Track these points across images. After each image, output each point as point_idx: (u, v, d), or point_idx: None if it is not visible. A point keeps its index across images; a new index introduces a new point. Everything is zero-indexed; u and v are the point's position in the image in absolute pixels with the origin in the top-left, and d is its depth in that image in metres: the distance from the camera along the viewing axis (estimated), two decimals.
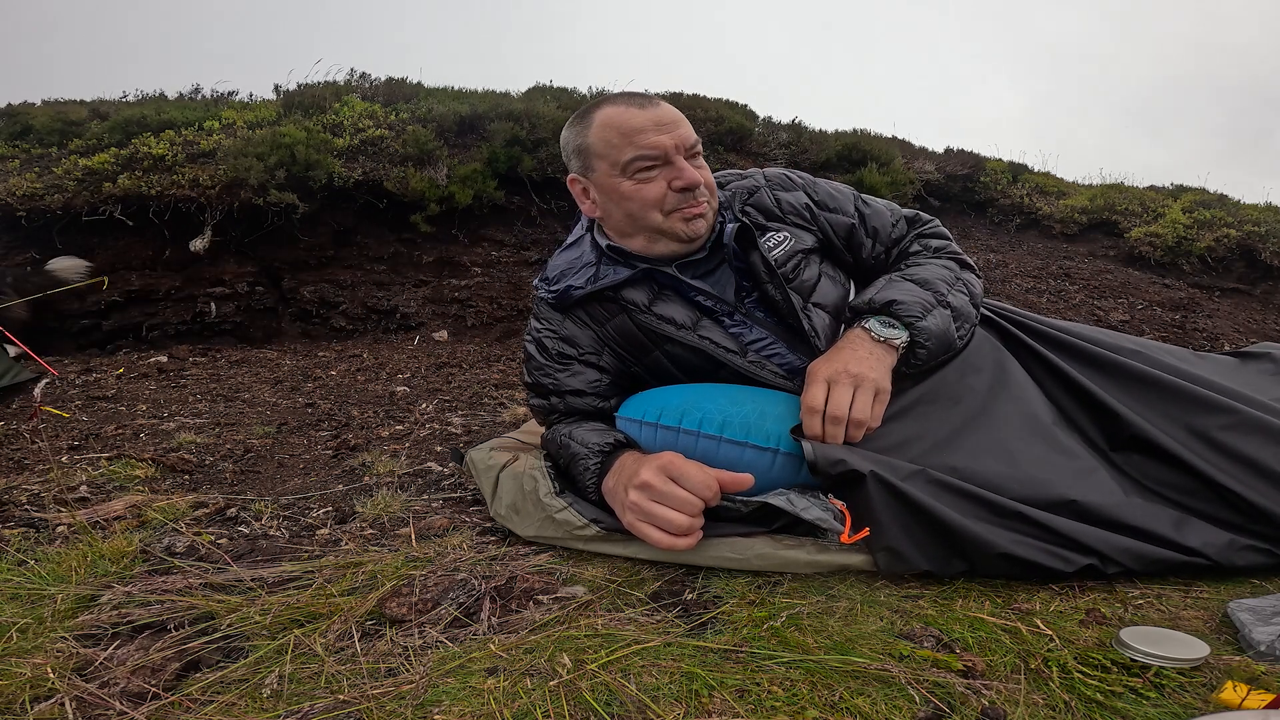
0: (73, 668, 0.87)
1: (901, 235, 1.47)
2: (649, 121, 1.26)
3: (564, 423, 1.36)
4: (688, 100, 5.93)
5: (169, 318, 4.34)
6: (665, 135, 1.26)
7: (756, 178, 1.45)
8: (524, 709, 0.76)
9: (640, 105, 1.28)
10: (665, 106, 1.29)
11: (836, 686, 0.78)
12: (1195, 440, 1.14)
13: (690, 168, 1.28)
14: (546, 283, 1.41)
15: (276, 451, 2.12)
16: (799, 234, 1.38)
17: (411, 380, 3.29)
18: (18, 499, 1.61)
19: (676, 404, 1.22)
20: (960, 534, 1.02)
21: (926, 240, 1.46)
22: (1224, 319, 4.86)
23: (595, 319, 1.37)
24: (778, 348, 1.31)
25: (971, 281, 1.38)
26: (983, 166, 6.56)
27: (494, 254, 4.89)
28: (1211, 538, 1.04)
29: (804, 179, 1.47)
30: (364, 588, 1.08)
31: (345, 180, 4.47)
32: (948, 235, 1.50)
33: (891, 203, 1.51)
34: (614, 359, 1.38)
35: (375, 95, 5.68)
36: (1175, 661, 0.80)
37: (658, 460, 1.10)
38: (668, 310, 1.32)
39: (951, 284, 1.34)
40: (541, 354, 1.39)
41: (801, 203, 1.42)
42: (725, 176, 1.45)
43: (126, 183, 4.21)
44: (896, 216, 1.48)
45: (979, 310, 1.37)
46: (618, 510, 1.14)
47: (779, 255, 1.34)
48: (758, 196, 1.41)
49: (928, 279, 1.32)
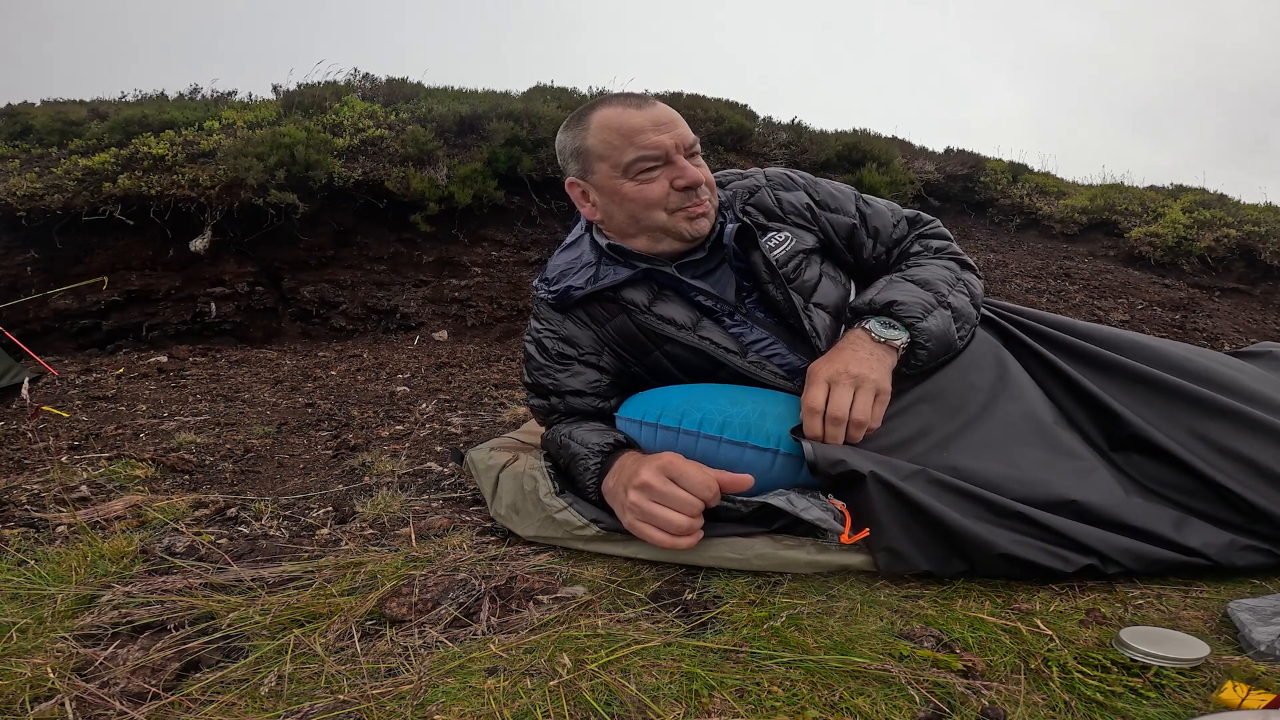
0: (73, 668, 0.87)
1: (903, 236, 1.47)
2: (648, 122, 1.26)
3: (564, 423, 1.36)
4: (688, 100, 5.93)
5: (169, 318, 4.34)
6: (665, 135, 1.26)
7: (757, 177, 1.45)
8: (524, 709, 0.76)
9: (638, 106, 1.28)
10: (662, 106, 1.29)
11: (836, 686, 0.78)
12: (1195, 440, 1.14)
13: (691, 166, 1.28)
14: (546, 283, 1.41)
15: (276, 451, 2.12)
16: (800, 234, 1.38)
17: (411, 380, 3.29)
18: (18, 499, 1.61)
19: (676, 404, 1.22)
20: (960, 534, 1.02)
21: (927, 241, 1.46)
22: (1224, 319, 4.86)
23: (595, 319, 1.37)
24: (778, 348, 1.31)
25: (972, 282, 1.38)
26: (983, 166, 6.56)
27: (494, 254, 4.89)
28: (1212, 538, 1.04)
29: (805, 179, 1.46)
30: (364, 588, 1.08)
31: (345, 180, 4.48)
32: (948, 236, 1.50)
33: (893, 203, 1.51)
34: (614, 359, 1.37)
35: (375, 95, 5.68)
36: (1175, 661, 0.79)
37: (657, 461, 1.10)
38: (668, 310, 1.32)
39: (952, 285, 1.33)
40: (541, 354, 1.39)
41: (803, 202, 1.41)
42: (726, 176, 1.45)
43: (126, 183, 4.22)
44: (898, 217, 1.47)
45: (979, 311, 1.37)
46: (617, 510, 1.14)
47: (780, 255, 1.33)
48: (759, 196, 1.41)
49: (928, 279, 1.31)
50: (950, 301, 1.29)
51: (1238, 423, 1.15)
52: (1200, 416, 1.17)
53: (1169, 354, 1.32)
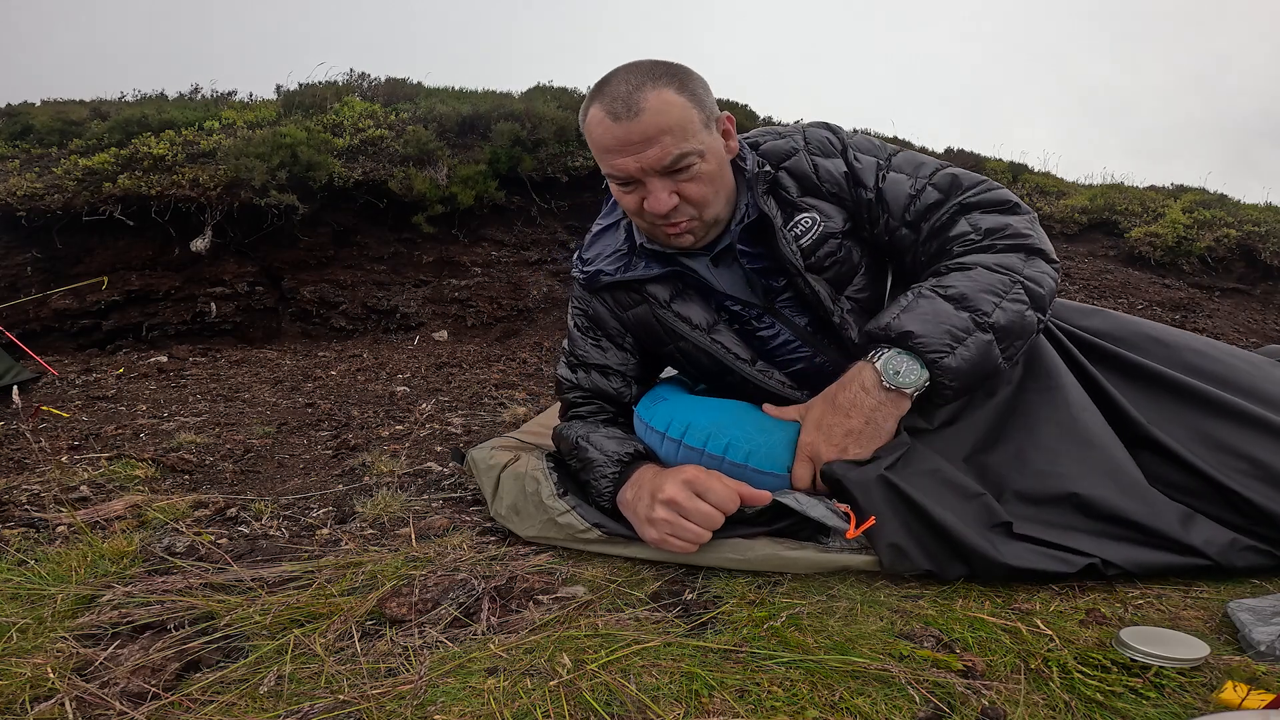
0: (73, 668, 0.87)
1: (932, 208, 1.22)
2: (617, 142, 1.14)
3: (580, 422, 1.35)
4: None
5: (169, 318, 4.34)
6: (630, 159, 1.13)
7: (795, 139, 1.29)
8: (524, 709, 0.76)
9: (615, 116, 1.13)
10: (640, 121, 1.11)
11: (836, 686, 0.78)
12: (1200, 441, 1.14)
13: (660, 191, 1.15)
14: (582, 262, 1.40)
15: (276, 451, 2.12)
16: (830, 212, 1.25)
17: (411, 380, 3.29)
18: (18, 499, 1.61)
19: (704, 425, 1.19)
20: (961, 542, 1.02)
21: (976, 218, 1.20)
22: (1224, 319, 4.86)
23: (620, 304, 1.37)
24: (803, 351, 1.29)
25: (1038, 280, 1.14)
26: (983, 167, 6.57)
27: (494, 254, 4.89)
28: (1214, 536, 1.04)
29: (844, 141, 1.29)
30: (364, 588, 1.08)
31: (345, 180, 4.48)
32: (1007, 203, 1.22)
33: (923, 161, 1.27)
34: (636, 343, 1.39)
35: (375, 95, 5.69)
36: (1175, 661, 0.79)
37: (682, 475, 1.09)
38: (686, 309, 1.31)
39: (1004, 292, 1.11)
40: (576, 326, 1.42)
41: (841, 171, 1.25)
42: (761, 135, 1.31)
43: (126, 183, 4.21)
44: (919, 185, 1.23)
45: (1046, 312, 1.15)
46: (634, 522, 1.14)
47: (807, 243, 1.23)
48: (795, 161, 1.26)
49: (966, 293, 1.11)
50: (995, 321, 1.09)
51: (1244, 423, 1.14)
52: (1211, 417, 1.16)
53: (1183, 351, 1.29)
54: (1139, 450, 1.16)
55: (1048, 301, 1.15)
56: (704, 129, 1.17)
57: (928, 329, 1.08)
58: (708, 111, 1.18)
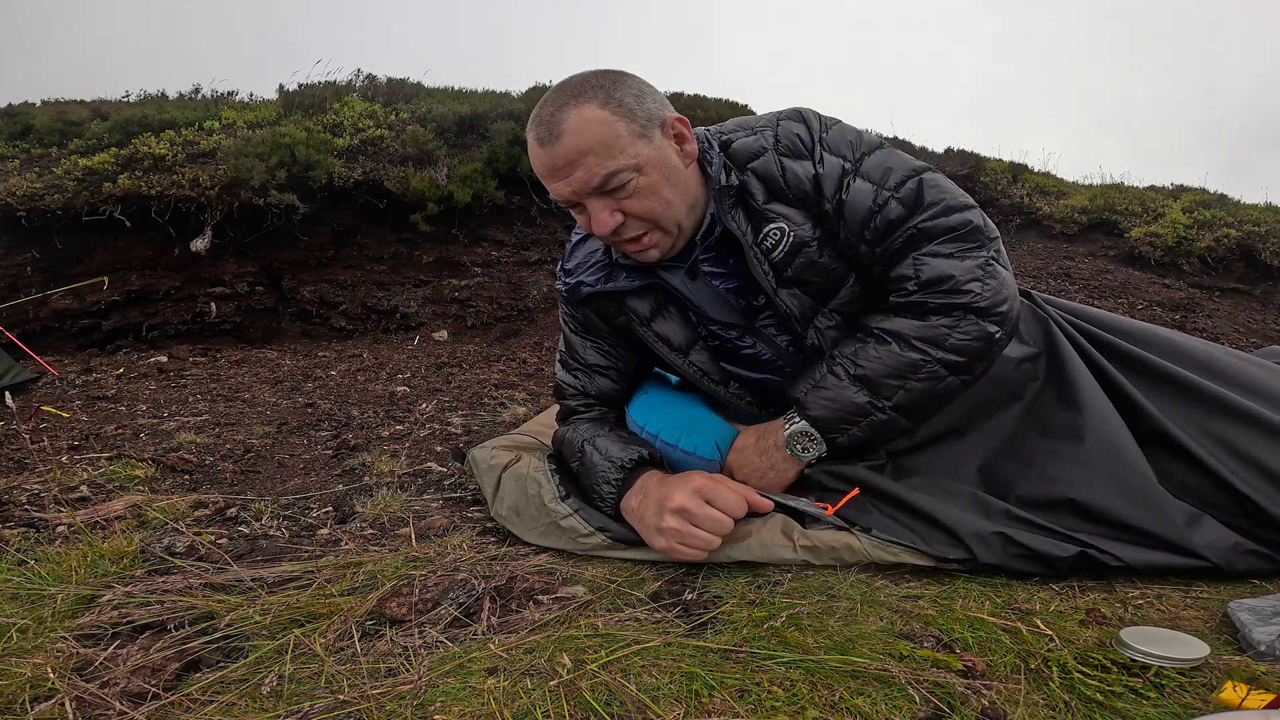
0: (73, 668, 0.87)
1: (890, 225, 1.15)
2: (545, 167, 1.11)
3: (582, 424, 1.34)
4: (688, 100, 5.93)
5: (169, 318, 4.34)
6: (561, 183, 1.11)
7: (765, 136, 1.20)
8: (524, 709, 0.76)
9: (540, 141, 1.09)
10: (561, 144, 1.07)
11: (836, 686, 0.78)
12: (1212, 441, 1.14)
13: (599, 211, 1.11)
14: (565, 273, 1.40)
15: (276, 451, 2.12)
16: (799, 220, 1.18)
17: (411, 380, 3.29)
18: (18, 499, 1.61)
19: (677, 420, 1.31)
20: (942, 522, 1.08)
21: (921, 261, 1.13)
22: (1224, 319, 4.86)
23: (603, 314, 1.37)
24: (787, 370, 1.32)
25: (962, 348, 1.12)
26: (983, 167, 6.56)
27: (494, 254, 4.89)
28: (1218, 539, 1.04)
29: (815, 138, 1.19)
30: (364, 588, 1.08)
31: (345, 180, 4.48)
32: (961, 230, 1.13)
33: (894, 164, 1.17)
34: (627, 344, 1.41)
35: (375, 95, 5.69)
36: (1175, 661, 0.80)
37: (691, 483, 1.10)
38: (665, 329, 1.31)
39: (910, 374, 1.13)
40: (571, 331, 1.44)
41: (809, 175, 1.17)
42: (732, 132, 1.23)
43: (126, 183, 4.22)
44: (882, 198, 1.15)
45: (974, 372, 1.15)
46: (642, 531, 1.14)
47: (778, 257, 1.19)
48: (763, 162, 1.18)
49: (872, 376, 1.14)
50: (897, 402, 1.15)
51: (1256, 427, 1.14)
52: (1219, 418, 1.17)
53: (1195, 352, 1.30)
54: (1150, 446, 1.17)
55: (976, 363, 1.14)
56: (638, 140, 1.09)
57: (826, 414, 1.18)
58: (642, 121, 1.10)
